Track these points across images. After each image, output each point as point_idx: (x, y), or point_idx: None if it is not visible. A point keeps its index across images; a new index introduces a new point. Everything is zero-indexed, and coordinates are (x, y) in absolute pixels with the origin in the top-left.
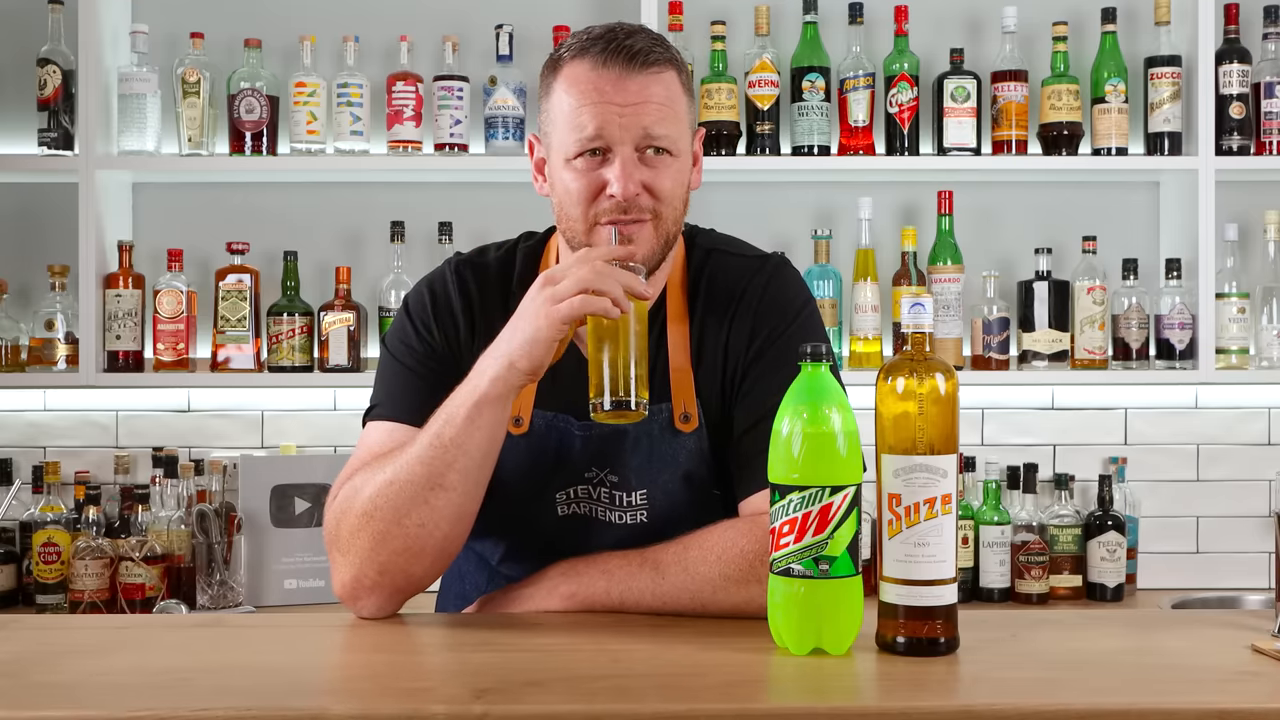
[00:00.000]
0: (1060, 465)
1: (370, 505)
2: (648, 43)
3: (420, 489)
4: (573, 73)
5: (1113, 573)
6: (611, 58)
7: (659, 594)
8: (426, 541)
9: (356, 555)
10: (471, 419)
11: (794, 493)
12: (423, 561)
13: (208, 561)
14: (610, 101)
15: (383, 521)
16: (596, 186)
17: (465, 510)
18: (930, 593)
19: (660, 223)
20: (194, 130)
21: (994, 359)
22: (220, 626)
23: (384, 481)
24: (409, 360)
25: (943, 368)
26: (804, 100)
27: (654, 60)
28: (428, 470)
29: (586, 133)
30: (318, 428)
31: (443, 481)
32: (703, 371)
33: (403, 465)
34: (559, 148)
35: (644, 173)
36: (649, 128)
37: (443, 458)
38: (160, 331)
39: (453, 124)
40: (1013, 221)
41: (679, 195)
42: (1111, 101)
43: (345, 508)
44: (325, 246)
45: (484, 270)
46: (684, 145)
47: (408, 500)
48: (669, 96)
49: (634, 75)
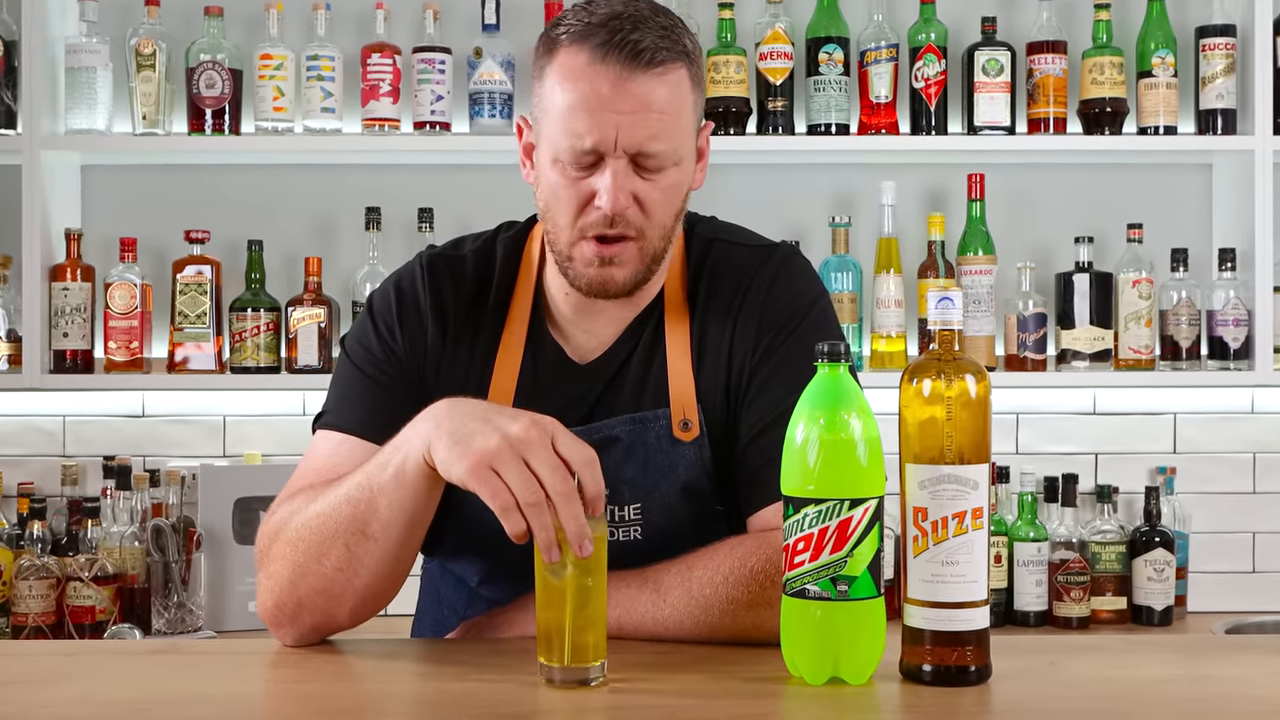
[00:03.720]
0: (1103, 476)
1: (295, 535)
2: (655, 38)
3: (343, 531)
4: (570, 63)
5: (1160, 594)
6: (613, 53)
7: (660, 618)
8: (345, 587)
9: (278, 583)
10: (398, 475)
11: (809, 506)
12: (341, 606)
13: (164, 582)
14: (608, 108)
15: (304, 555)
16: (585, 196)
17: (387, 567)
18: (959, 616)
19: (645, 242)
20: (149, 107)
21: (1030, 359)
22: (178, 653)
23: (314, 514)
24: (367, 366)
25: (973, 369)
26: (821, 74)
27: (660, 60)
28: (353, 513)
29: (582, 144)
30: (285, 434)
31: (365, 529)
32: (704, 374)
33: (332, 501)
34: (549, 143)
35: (635, 184)
36: (645, 143)
37: (369, 504)
38: (112, 329)
39: (434, 100)
40: (1050, 208)
41: (671, 209)
42: (1159, 75)
43: (277, 530)
44: (293, 235)
45: (459, 266)
46: (686, 150)
47: (329, 540)
48: (673, 101)
49: (636, 76)
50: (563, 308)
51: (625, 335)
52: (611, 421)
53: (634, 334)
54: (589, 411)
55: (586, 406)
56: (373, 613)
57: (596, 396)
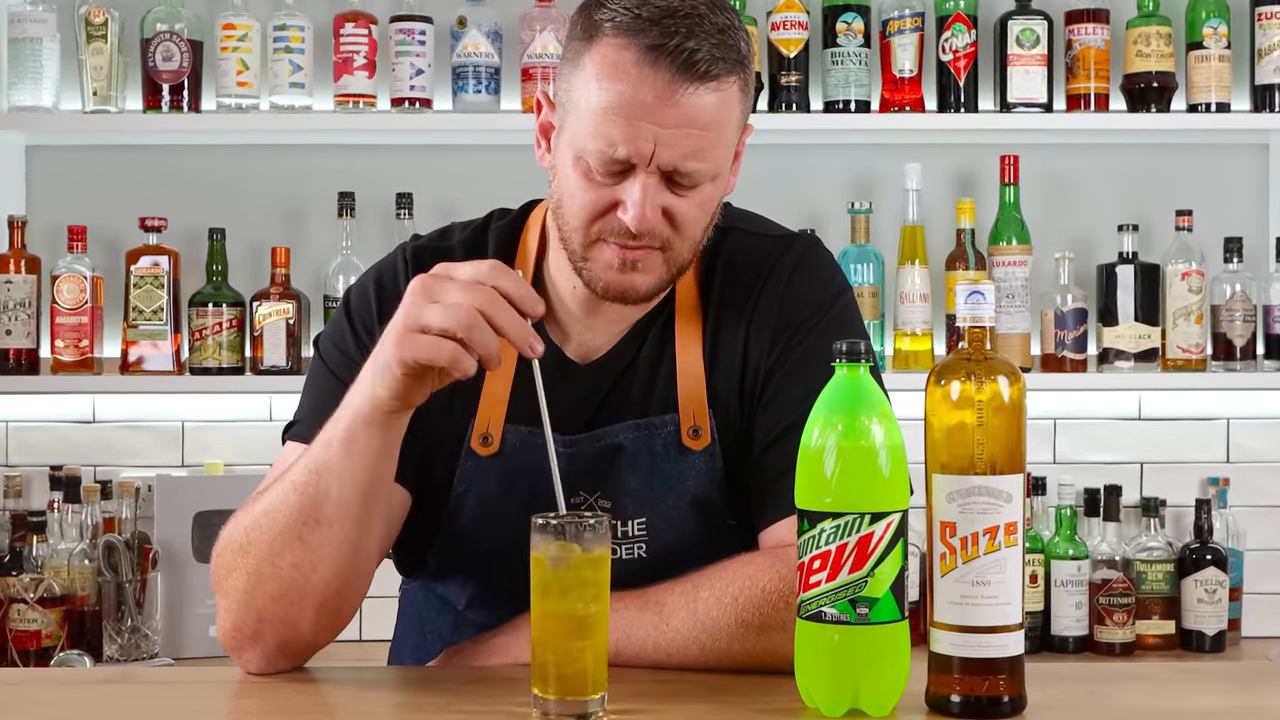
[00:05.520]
0: (1149, 488)
1: (245, 539)
2: (711, 46)
3: (294, 523)
4: (613, 58)
5: (1212, 618)
6: (664, 59)
7: (662, 643)
8: (305, 587)
9: (233, 599)
10: (347, 442)
11: (827, 521)
12: (304, 612)
13: (117, 604)
14: (649, 119)
15: (256, 559)
16: (608, 203)
17: (346, 554)
18: (991, 642)
19: (671, 254)
20: (100, 82)
21: (1068, 359)
22: (132, 683)
23: (260, 512)
24: (344, 371)
25: (1006, 369)
26: (838, 45)
27: (715, 74)
28: (301, 500)
29: (614, 152)
30: (249, 442)
31: (318, 515)
32: (717, 376)
33: (277, 494)
34: (573, 140)
35: (666, 198)
36: (683, 161)
37: (317, 485)
38: (59, 326)
39: (413, 74)
40: (1091, 193)
41: (703, 223)
42: (1211, 47)
43: (226, 542)
44: (259, 223)
45: (446, 258)
46: (725, 164)
47: (281, 535)
48: (720, 117)
49: (686, 88)
50: (568, 303)
51: (631, 334)
52: (615, 428)
53: (641, 332)
54: (590, 417)
55: (588, 411)
56: (339, 622)
57: (599, 401)
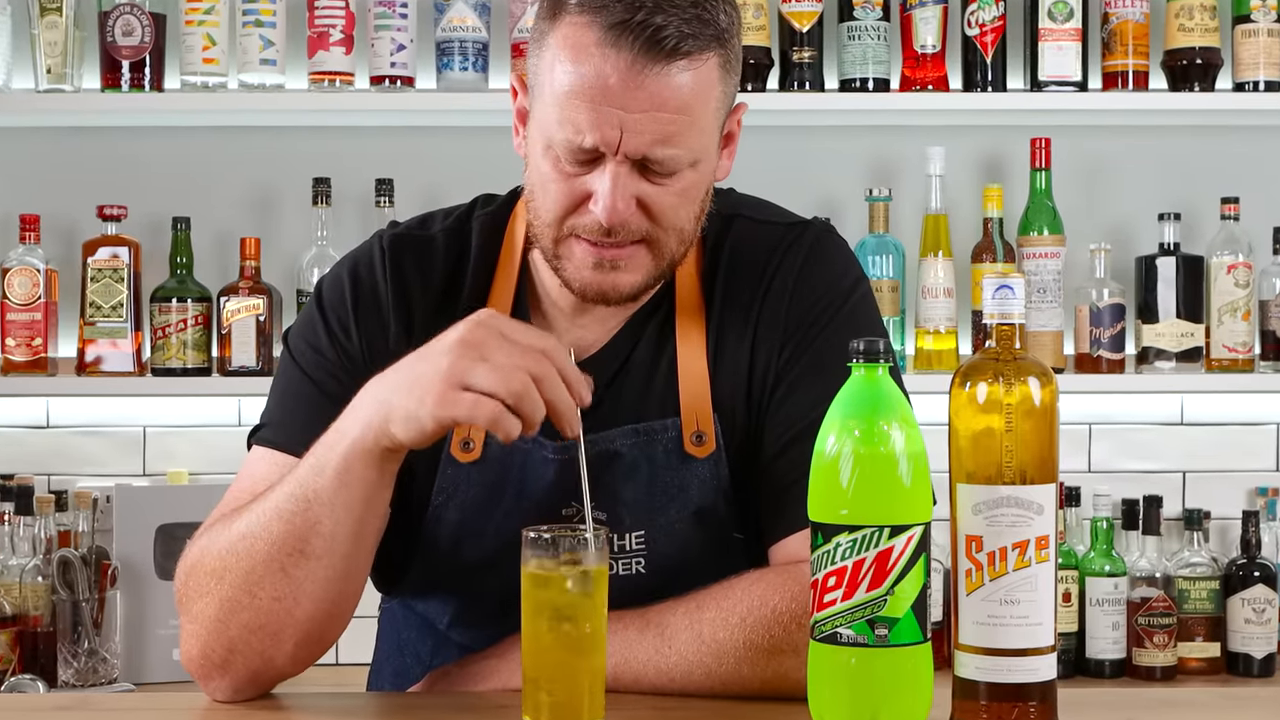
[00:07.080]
0: (1191, 499)
1: (220, 564)
2: (681, 21)
3: (277, 552)
4: (575, 38)
5: (1261, 639)
6: (626, 37)
7: (664, 668)
8: (285, 620)
9: (203, 625)
10: (342, 473)
11: (842, 534)
12: (281, 645)
13: (73, 624)
14: (613, 103)
15: (232, 587)
16: (579, 196)
17: (333, 591)
18: (1021, 665)
19: (657, 248)
20: (54, 59)
21: (1105, 359)
22: (89, 710)
23: (238, 535)
24: (315, 370)
25: (1037, 370)
26: (855, 19)
27: (685, 51)
28: (287, 529)
29: (581, 141)
30: (216, 449)
31: (305, 547)
32: (722, 377)
33: (260, 517)
34: (541, 127)
35: (641, 187)
36: (654, 148)
37: (305, 516)
38: (10, 323)
39: (394, 50)
40: (1129, 179)
41: (687, 211)
42: (1259, 21)
43: (196, 562)
44: (227, 211)
45: (427, 248)
46: (706, 148)
47: (262, 564)
48: (694, 98)
49: (652, 68)
50: (555, 297)
51: (627, 330)
52: (611, 433)
53: (637, 328)
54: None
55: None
56: (318, 653)
57: (593, 403)
